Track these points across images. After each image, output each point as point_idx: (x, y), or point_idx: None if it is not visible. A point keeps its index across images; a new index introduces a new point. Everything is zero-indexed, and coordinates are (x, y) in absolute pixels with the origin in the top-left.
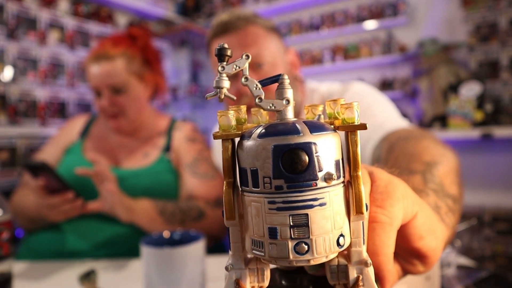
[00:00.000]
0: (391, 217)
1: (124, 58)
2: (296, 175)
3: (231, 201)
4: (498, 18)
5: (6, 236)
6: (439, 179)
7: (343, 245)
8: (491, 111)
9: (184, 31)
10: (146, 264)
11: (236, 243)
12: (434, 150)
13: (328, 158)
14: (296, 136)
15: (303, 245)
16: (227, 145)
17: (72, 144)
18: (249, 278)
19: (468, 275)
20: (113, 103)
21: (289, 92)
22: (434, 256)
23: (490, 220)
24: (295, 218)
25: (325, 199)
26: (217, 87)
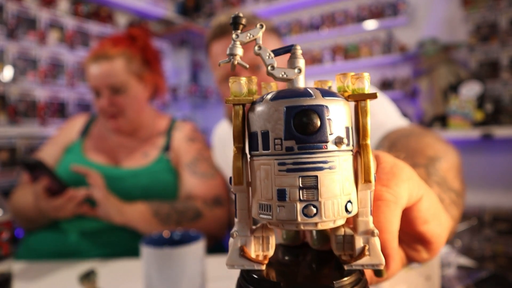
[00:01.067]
0: (396, 195)
1: (123, 58)
2: (307, 136)
3: (240, 166)
4: (498, 18)
5: (6, 236)
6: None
7: (351, 211)
8: (491, 111)
9: (184, 31)
10: (146, 264)
11: (242, 210)
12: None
13: (339, 123)
14: (309, 99)
15: (311, 208)
16: (238, 109)
17: (72, 143)
18: (254, 246)
19: (468, 275)
20: (112, 103)
21: (301, 61)
22: (438, 243)
23: (491, 220)
24: (305, 180)
25: (334, 163)
26: (231, 54)
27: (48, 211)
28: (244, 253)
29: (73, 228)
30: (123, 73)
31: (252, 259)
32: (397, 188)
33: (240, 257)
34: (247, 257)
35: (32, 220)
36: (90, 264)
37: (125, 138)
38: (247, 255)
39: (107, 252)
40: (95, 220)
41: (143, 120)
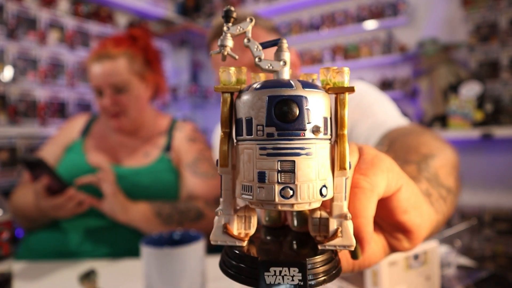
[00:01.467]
0: (373, 184)
1: (125, 57)
2: (286, 124)
3: (225, 149)
4: (498, 18)
5: (6, 236)
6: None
7: (326, 195)
8: (491, 111)
9: (184, 31)
10: (146, 264)
11: (227, 191)
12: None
13: (317, 113)
14: (289, 89)
15: (288, 190)
16: (226, 97)
17: (72, 142)
18: (236, 224)
19: (468, 275)
20: (115, 103)
21: (286, 54)
22: (418, 232)
23: (490, 220)
24: (283, 164)
25: (311, 150)
26: (222, 45)
27: (48, 210)
28: (227, 230)
29: (73, 227)
30: (125, 73)
31: (234, 236)
32: (375, 177)
33: (223, 233)
34: (230, 234)
35: (33, 220)
36: (90, 264)
37: (126, 137)
38: (230, 232)
39: (108, 252)
40: (95, 219)
41: (144, 119)
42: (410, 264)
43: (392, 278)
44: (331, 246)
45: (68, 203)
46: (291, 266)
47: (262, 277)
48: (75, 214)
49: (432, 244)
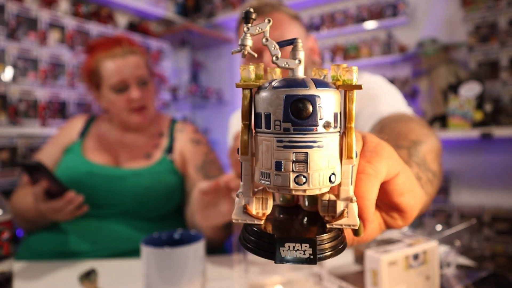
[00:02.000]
0: (377, 170)
1: (140, 54)
2: (301, 120)
3: (246, 139)
4: (498, 18)
5: (6, 236)
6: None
7: (334, 182)
8: (490, 111)
9: (184, 31)
10: (146, 264)
11: (247, 176)
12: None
13: (328, 109)
14: (304, 89)
15: (301, 177)
16: (246, 93)
17: (71, 143)
18: (254, 205)
19: (467, 274)
20: (142, 96)
21: (301, 53)
22: (411, 212)
23: (490, 220)
24: (297, 155)
25: (322, 142)
26: (242, 45)
27: (47, 213)
28: (247, 210)
29: (74, 228)
30: (144, 67)
31: (252, 215)
32: (378, 164)
33: (243, 213)
34: (249, 213)
35: (32, 222)
36: (90, 264)
37: (131, 137)
38: (249, 211)
39: (108, 253)
40: (95, 220)
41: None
42: (409, 264)
43: (392, 278)
44: (338, 225)
45: (68, 206)
46: (303, 242)
47: (278, 252)
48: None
49: (432, 244)
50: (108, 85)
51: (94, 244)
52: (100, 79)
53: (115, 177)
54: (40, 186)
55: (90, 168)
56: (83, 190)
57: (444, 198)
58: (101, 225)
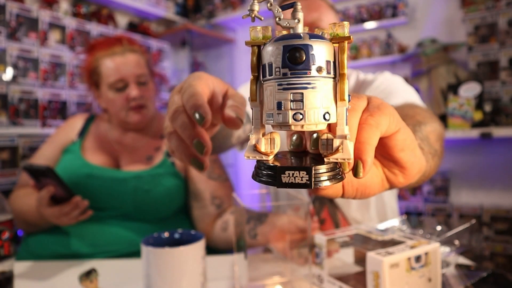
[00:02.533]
0: (377, 122)
1: (141, 52)
2: (296, 65)
3: (254, 88)
4: (497, 19)
5: (7, 236)
6: (426, 133)
7: (328, 119)
8: (490, 111)
9: (184, 31)
10: (146, 264)
11: (256, 119)
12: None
13: (320, 57)
14: (299, 40)
15: (298, 114)
16: (254, 49)
17: (70, 144)
18: (264, 145)
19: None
20: (142, 95)
21: (300, 14)
22: (411, 169)
23: (489, 220)
24: (294, 95)
25: (315, 84)
26: (250, 10)
27: (51, 218)
28: (256, 148)
29: (73, 231)
30: (144, 66)
31: (261, 152)
32: (379, 117)
33: (253, 151)
34: (258, 151)
35: (32, 224)
36: (90, 264)
37: (132, 138)
38: (258, 149)
39: (107, 256)
40: (94, 223)
41: (155, 117)
42: (411, 266)
43: (393, 280)
44: (334, 158)
45: (73, 211)
46: (301, 170)
47: (279, 178)
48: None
49: (434, 246)
50: (107, 83)
51: (94, 247)
52: (99, 77)
53: (115, 180)
54: (46, 191)
55: (89, 170)
56: (83, 192)
57: (444, 198)
58: (101, 227)
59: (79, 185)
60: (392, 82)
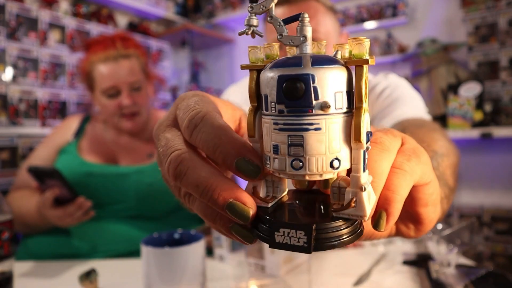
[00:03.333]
0: (413, 170)
1: (135, 57)
2: (293, 101)
3: (251, 121)
4: (498, 19)
5: (6, 236)
6: (442, 168)
7: (338, 167)
8: (490, 111)
9: (184, 31)
10: (146, 264)
11: None
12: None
13: (327, 89)
14: (297, 68)
15: (298, 162)
16: (252, 74)
17: (66, 144)
18: (263, 188)
19: (467, 274)
20: (134, 102)
21: (307, 29)
22: (427, 226)
23: (489, 220)
24: (293, 138)
25: (320, 125)
26: (248, 25)
27: (54, 219)
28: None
29: (72, 230)
30: (139, 71)
31: (260, 198)
32: (415, 165)
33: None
34: (257, 196)
35: (31, 226)
36: (90, 264)
37: (127, 139)
38: (256, 195)
39: (108, 255)
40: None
41: (150, 119)
42: None
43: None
44: (345, 214)
45: (77, 212)
46: (298, 229)
47: (273, 236)
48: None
49: None
50: (100, 89)
51: (94, 246)
52: (93, 82)
53: (116, 175)
54: (51, 193)
55: (88, 168)
56: (82, 191)
57: None
58: (101, 226)
59: (78, 185)
60: (398, 87)
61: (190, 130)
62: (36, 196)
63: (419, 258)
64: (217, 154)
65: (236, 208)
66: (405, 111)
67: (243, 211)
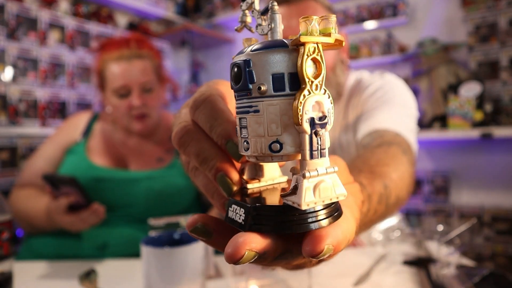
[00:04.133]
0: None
1: (149, 58)
2: (237, 86)
3: None
4: (498, 18)
5: (6, 236)
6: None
7: (277, 151)
8: (490, 111)
9: (184, 31)
10: (146, 264)
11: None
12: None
13: (263, 72)
14: (240, 55)
15: (245, 143)
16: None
17: (74, 144)
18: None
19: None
20: (144, 103)
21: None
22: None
23: (490, 220)
24: (240, 121)
25: (258, 107)
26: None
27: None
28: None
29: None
30: (151, 72)
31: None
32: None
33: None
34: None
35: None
36: (90, 264)
37: (137, 141)
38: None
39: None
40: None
41: (161, 122)
42: None
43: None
44: (289, 201)
45: (91, 217)
46: (241, 207)
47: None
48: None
49: None
50: (111, 88)
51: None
52: (105, 81)
53: (127, 180)
54: (66, 200)
55: (97, 172)
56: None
57: (444, 198)
58: (109, 229)
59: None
60: (391, 89)
61: (193, 110)
62: (44, 198)
63: (419, 259)
64: (212, 134)
65: (223, 181)
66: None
67: (228, 185)
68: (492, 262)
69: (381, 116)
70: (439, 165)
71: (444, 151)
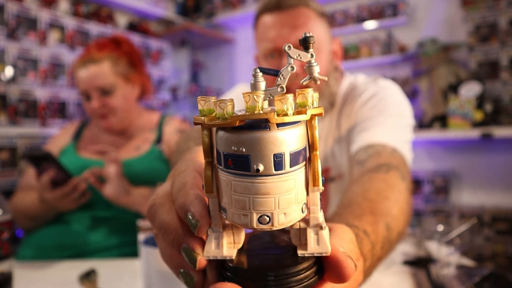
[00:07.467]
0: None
1: (109, 60)
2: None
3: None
4: (498, 18)
5: (6, 236)
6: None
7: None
8: (490, 111)
9: (184, 31)
10: (146, 264)
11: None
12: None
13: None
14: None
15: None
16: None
17: (65, 146)
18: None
19: (468, 274)
20: (103, 105)
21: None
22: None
23: (490, 220)
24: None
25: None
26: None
27: (53, 201)
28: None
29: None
30: (110, 75)
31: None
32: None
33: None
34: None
35: (37, 218)
36: (90, 264)
37: (116, 137)
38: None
39: (114, 243)
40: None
41: (133, 119)
42: None
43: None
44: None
45: (74, 192)
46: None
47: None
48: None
49: None
50: (79, 92)
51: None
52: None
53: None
54: (47, 175)
55: (82, 163)
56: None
57: (444, 198)
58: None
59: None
60: (386, 97)
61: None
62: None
63: (419, 259)
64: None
65: (186, 253)
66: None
67: (191, 256)
68: (492, 262)
69: (376, 129)
70: (439, 165)
71: (444, 151)
